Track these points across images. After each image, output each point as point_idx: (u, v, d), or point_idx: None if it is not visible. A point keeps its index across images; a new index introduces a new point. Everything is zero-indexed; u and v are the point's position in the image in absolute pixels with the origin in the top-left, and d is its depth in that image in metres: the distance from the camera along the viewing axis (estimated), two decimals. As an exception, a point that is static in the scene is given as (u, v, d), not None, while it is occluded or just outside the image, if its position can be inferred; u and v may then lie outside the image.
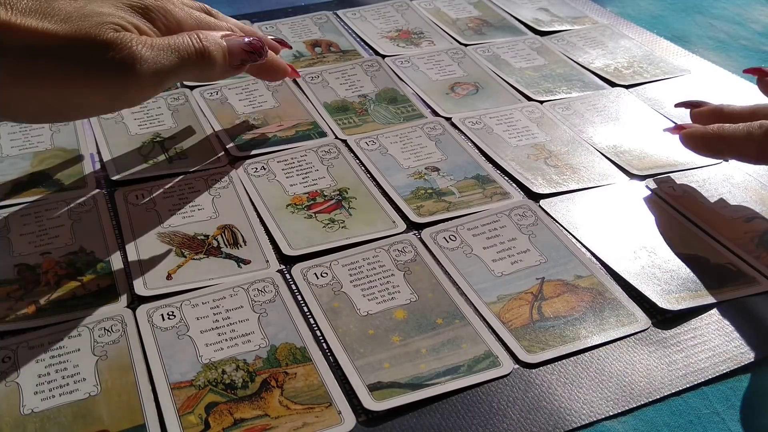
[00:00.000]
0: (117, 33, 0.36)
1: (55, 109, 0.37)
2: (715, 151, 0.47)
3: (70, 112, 0.39)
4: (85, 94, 0.36)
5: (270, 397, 0.34)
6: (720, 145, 0.45)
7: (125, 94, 0.38)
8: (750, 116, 0.46)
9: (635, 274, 0.41)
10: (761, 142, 0.43)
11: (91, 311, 0.38)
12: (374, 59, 0.61)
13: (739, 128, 0.44)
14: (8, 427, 0.32)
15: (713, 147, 0.46)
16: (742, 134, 0.44)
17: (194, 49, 0.39)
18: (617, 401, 0.35)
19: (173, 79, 0.40)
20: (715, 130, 0.46)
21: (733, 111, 0.47)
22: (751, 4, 0.75)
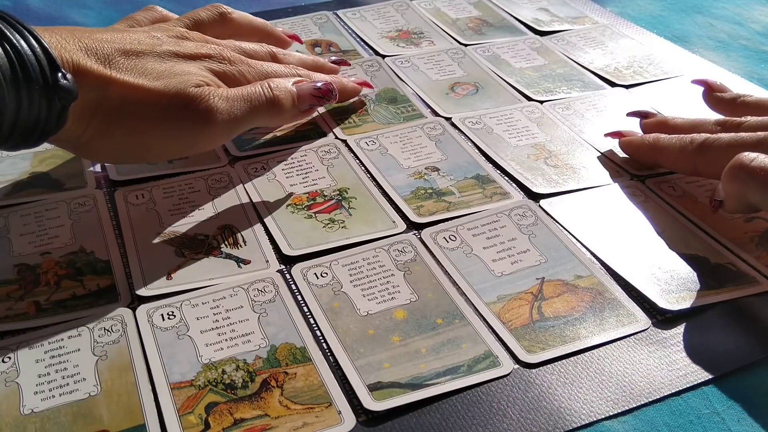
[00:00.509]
0: (198, 88, 0.40)
1: (136, 154, 0.41)
2: (651, 161, 0.48)
3: (150, 157, 0.43)
4: (165, 142, 0.41)
5: (270, 397, 0.34)
6: (655, 156, 0.48)
7: (200, 142, 0.42)
8: (690, 129, 0.47)
9: (635, 274, 0.41)
10: (693, 156, 0.44)
11: (91, 311, 0.38)
12: (374, 59, 0.61)
13: (673, 141, 0.46)
14: (8, 427, 0.32)
15: (648, 157, 0.48)
16: (675, 147, 0.45)
17: (265, 98, 0.43)
18: (617, 401, 0.35)
19: (245, 127, 0.44)
20: (650, 141, 0.48)
21: (675, 124, 0.49)
22: (751, 4, 0.75)
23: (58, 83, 0.34)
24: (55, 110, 0.35)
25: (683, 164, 0.46)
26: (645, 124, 0.51)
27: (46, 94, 0.34)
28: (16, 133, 0.35)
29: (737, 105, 0.48)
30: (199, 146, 0.43)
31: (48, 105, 0.35)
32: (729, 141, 0.43)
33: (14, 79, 0.33)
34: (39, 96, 0.34)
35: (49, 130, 0.36)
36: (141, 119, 0.39)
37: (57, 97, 0.35)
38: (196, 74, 0.41)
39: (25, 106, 0.34)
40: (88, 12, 0.68)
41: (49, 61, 0.34)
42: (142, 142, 0.40)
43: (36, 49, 0.34)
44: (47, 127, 0.36)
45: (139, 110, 0.39)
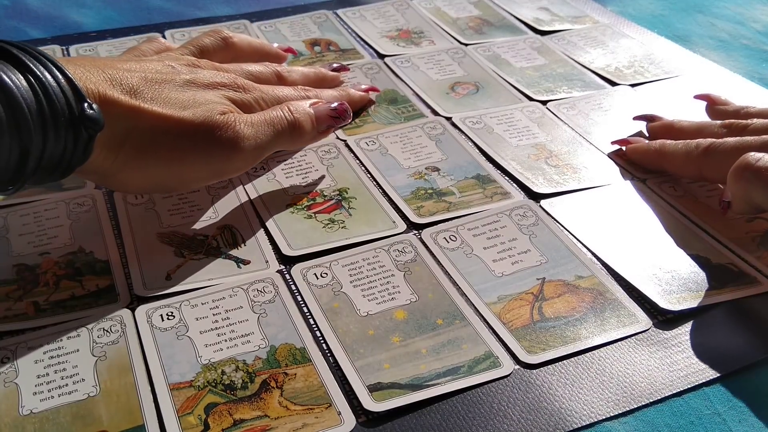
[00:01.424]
0: (223, 116, 0.41)
1: (165, 183, 0.42)
2: (657, 167, 0.49)
3: (178, 185, 0.43)
4: (195, 169, 0.41)
5: (270, 398, 0.34)
6: (661, 162, 0.48)
7: (228, 168, 0.42)
8: (696, 133, 0.47)
9: (636, 274, 0.41)
10: (698, 161, 0.44)
11: (90, 311, 0.38)
12: (374, 62, 0.61)
13: (679, 147, 0.46)
14: (7, 427, 0.32)
15: (653, 162, 0.48)
16: (680, 153, 0.46)
17: (287, 121, 0.44)
18: (618, 402, 0.34)
19: (269, 151, 0.44)
20: (656, 148, 0.48)
21: (681, 127, 0.49)
22: (752, 3, 0.75)
23: (85, 113, 0.34)
24: (81, 141, 0.35)
25: (689, 169, 0.46)
26: (651, 128, 0.51)
27: (73, 125, 0.34)
28: (41, 167, 0.34)
29: (740, 117, 0.48)
30: (225, 173, 0.43)
31: (74, 137, 0.34)
32: (734, 144, 0.43)
33: (40, 112, 0.33)
34: (65, 128, 0.34)
35: (76, 163, 0.36)
36: (170, 148, 0.39)
37: (84, 128, 0.34)
38: (219, 102, 0.42)
39: (51, 140, 0.34)
40: (87, 12, 0.68)
41: (75, 92, 0.34)
42: (172, 170, 0.40)
43: (60, 80, 0.34)
44: (73, 159, 0.35)
45: (168, 139, 0.39)
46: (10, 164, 0.33)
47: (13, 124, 0.32)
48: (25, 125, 0.32)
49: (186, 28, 0.65)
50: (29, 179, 0.34)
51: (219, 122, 0.40)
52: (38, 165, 0.34)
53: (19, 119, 0.32)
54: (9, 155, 0.32)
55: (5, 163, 0.32)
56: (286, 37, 0.64)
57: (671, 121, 0.50)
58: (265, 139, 0.42)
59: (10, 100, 0.32)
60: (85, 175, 0.41)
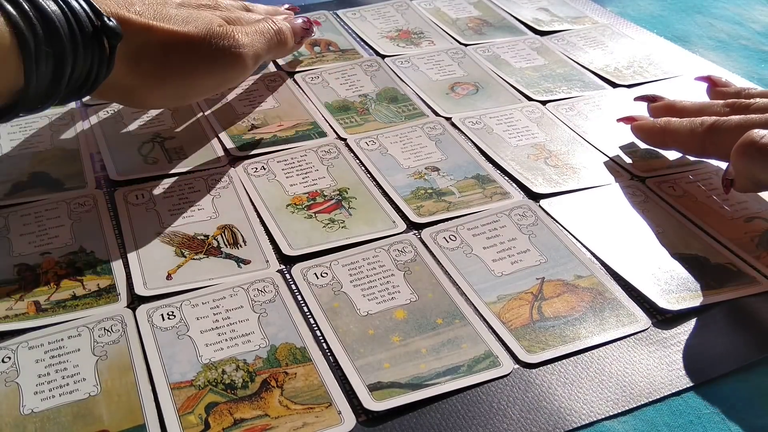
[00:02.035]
0: (221, 27, 0.45)
1: (179, 94, 0.46)
2: (661, 144, 0.49)
3: (191, 95, 0.48)
4: (204, 77, 0.45)
5: (270, 397, 0.34)
6: (665, 138, 0.48)
7: (234, 74, 0.47)
8: (698, 112, 0.48)
9: (635, 274, 0.41)
10: (702, 138, 0.45)
11: (91, 311, 0.38)
12: (374, 59, 0.61)
13: (684, 123, 0.46)
14: (8, 427, 0.32)
15: (659, 139, 0.49)
16: (685, 129, 0.46)
17: (273, 31, 0.50)
18: (617, 401, 0.35)
19: (263, 59, 0.49)
20: (661, 124, 0.48)
21: (683, 106, 0.49)
22: (751, 3, 0.75)
23: (106, 25, 0.38)
24: (105, 54, 0.39)
25: (693, 146, 0.46)
26: (653, 108, 0.51)
27: (97, 38, 0.38)
28: (72, 82, 0.39)
29: (742, 97, 0.48)
30: (231, 80, 0.48)
31: (99, 50, 0.39)
32: (738, 122, 0.43)
33: (70, 30, 0.37)
34: (90, 42, 0.38)
35: (100, 76, 0.40)
36: (181, 59, 0.43)
37: (106, 38, 0.39)
38: (213, 18, 0.46)
39: (81, 54, 0.38)
40: None
41: (94, 11, 0.39)
42: (185, 81, 0.45)
43: (81, 2, 0.38)
44: (99, 72, 0.40)
45: (179, 52, 0.43)
46: (46, 79, 0.37)
47: (49, 41, 0.37)
48: (59, 42, 0.37)
49: None
50: (62, 94, 0.39)
51: (219, 33, 0.45)
52: (70, 79, 0.38)
53: (53, 37, 0.37)
54: (46, 70, 0.37)
55: (43, 77, 0.37)
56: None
57: (673, 101, 0.50)
58: (260, 46, 0.48)
59: (47, 21, 0.37)
60: (109, 94, 0.45)
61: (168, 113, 0.54)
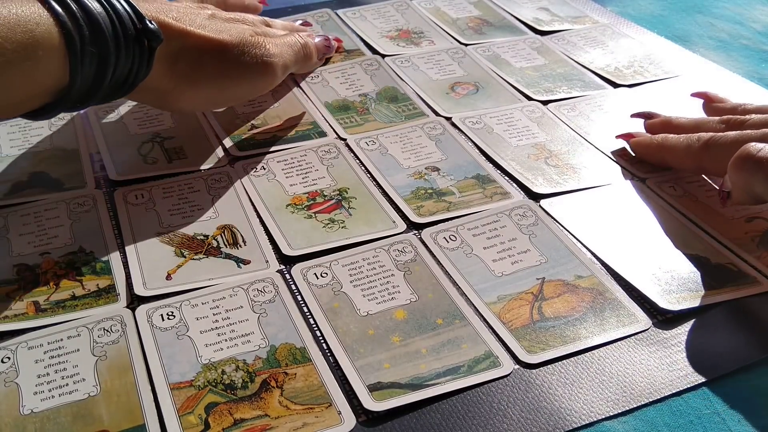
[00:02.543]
0: (254, 37, 0.47)
1: (213, 99, 0.48)
2: (659, 160, 0.49)
3: (223, 100, 0.50)
4: (235, 84, 0.46)
5: (270, 398, 0.34)
6: (663, 155, 0.48)
7: (263, 83, 0.48)
8: (694, 129, 0.48)
9: (636, 274, 0.41)
10: (698, 154, 0.45)
11: (90, 311, 0.38)
12: (374, 58, 0.61)
13: (680, 140, 0.47)
14: (8, 427, 0.32)
15: (657, 156, 0.49)
16: (681, 146, 0.46)
17: (300, 44, 0.52)
18: (618, 401, 0.35)
19: (290, 69, 0.51)
20: (658, 141, 0.49)
21: (680, 123, 0.50)
22: (752, 3, 0.75)
23: (147, 27, 0.40)
24: (145, 56, 0.41)
25: (690, 162, 0.46)
26: (649, 125, 0.52)
27: (138, 40, 0.40)
28: (112, 83, 0.40)
29: (738, 113, 0.48)
30: (259, 88, 0.49)
31: (140, 51, 0.40)
32: (734, 137, 0.43)
33: (113, 30, 0.39)
34: (132, 43, 0.40)
35: (140, 77, 0.41)
36: (216, 65, 0.45)
37: (147, 40, 0.40)
38: (245, 29, 0.48)
39: (123, 54, 0.39)
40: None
41: (136, 13, 0.40)
42: (218, 86, 0.46)
43: (124, 5, 0.40)
44: (139, 73, 0.41)
45: (213, 57, 0.45)
46: (90, 79, 0.39)
47: (94, 41, 0.38)
48: (103, 42, 0.38)
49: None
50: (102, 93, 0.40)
51: (252, 42, 0.46)
52: (111, 79, 0.39)
53: (98, 37, 0.38)
54: (90, 69, 0.38)
55: (87, 76, 0.38)
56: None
57: (669, 117, 0.51)
58: (289, 57, 0.50)
59: (92, 21, 0.38)
60: (145, 95, 0.45)
61: (168, 113, 0.54)
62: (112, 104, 0.54)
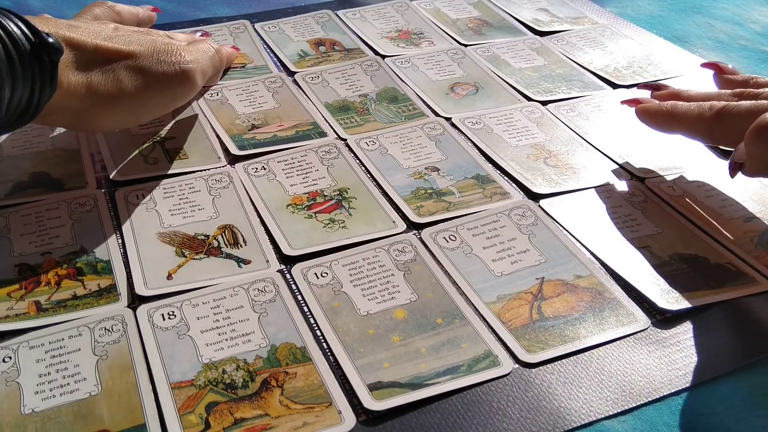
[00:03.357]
0: (166, 45, 0.46)
1: (131, 114, 0.45)
2: (666, 127, 0.48)
3: (142, 115, 0.47)
4: (155, 95, 0.45)
5: (270, 397, 0.34)
6: (672, 122, 0.47)
7: (183, 91, 0.47)
8: (705, 100, 0.47)
9: (635, 273, 0.41)
10: (710, 122, 0.44)
11: (91, 311, 0.38)
12: (374, 59, 0.61)
13: (691, 107, 0.46)
14: (9, 427, 0.32)
15: (665, 123, 0.48)
16: (693, 113, 0.45)
17: (214, 50, 0.51)
18: (617, 401, 0.35)
19: (207, 76, 0.50)
20: (668, 108, 0.47)
21: (689, 95, 0.48)
22: (751, 4, 0.75)
23: (45, 41, 0.37)
24: (47, 73, 0.38)
25: (700, 130, 0.45)
26: (658, 96, 0.50)
27: (35, 56, 0.37)
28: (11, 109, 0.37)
29: (750, 86, 0.48)
30: (179, 96, 0.48)
31: (40, 68, 0.38)
32: (749, 107, 0.42)
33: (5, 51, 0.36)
34: (30, 61, 0.37)
35: (43, 98, 0.39)
36: (132, 76, 0.43)
37: (46, 54, 0.38)
38: (155, 38, 0.47)
39: (19, 76, 0.37)
40: (89, 12, 0.68)
41: (30, 29, 0.38)
42: (136, 99, 0.44)
43: (16, 22, 0.38)
44: (42, 94, 0.38)
45: (129, 68, 0.43)
46: None
47: None
48: None
49: (186, 28, 0.65)
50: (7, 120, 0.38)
51: (165, 49, 0.45)
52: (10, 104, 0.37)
53: None
54: None
55: None
56: (289, 37, 0.65)
57: (678, 89, 0.50)
58: (205, 63, 0.49)
59: None
60: (58, 117, 0.43)
61: (168, 114, 0.54)
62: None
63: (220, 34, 0.64)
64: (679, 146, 0.51)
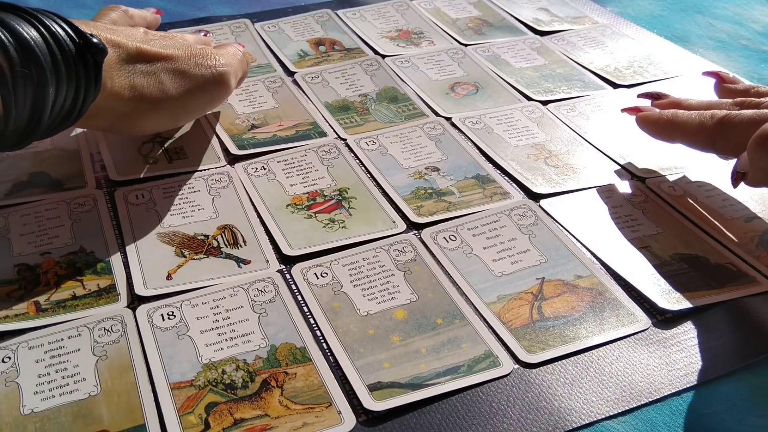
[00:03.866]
0: (201, 48, 0.47)
1: (173, 116, 0.46)
2: (668, 136, 0.47)
3: (182, 117, 0.48)
4: (196, 96, 0.46)
5: (270, 397, 0.34)
6: (673, 131, 0.47)
7: (220, 93, 0.48)
8: (706, 109, 0.46)
9: (635, 273, 0.41)
10: (712, 131, 0.44)
11: (91, 311, 0.38)
12: (374, 58, 0.61)
13: (692, 116, 0.45)
14: (8, 427, 0.32)
15: (666, 132, 0.47)
16: (694, 122, 0.45)
17: (242, 52, 0.51)
18: (617, 401, 0.35)
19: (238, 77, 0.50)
20: (669, 116, 0.47)
21: (690, 105, 0.48)
22: (751, 3, 0.75)
23: (89, 41, 0.37)
24: (91, 73, 0.38)
25: (701, 140, 0.45)
26: (658, 105, 0.50)
27: (80, 56, 0.37)
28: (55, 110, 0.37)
29: (751, 95, 0.47)
30: (216, 98, 0.48)
31: (84, 68, 0.37)
32: (750, 116, 0.42)
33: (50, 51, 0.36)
34: (74, 61, 0.37)
35: (88, 99, 0.39)
36: (174, 79, 0.44)
37: (90, 54, 0.38)
38: (188, 43, 0.47)
39: (63, 78, 0.36)
40: (88, 12, 0.68)
41: (74, 30, 0.38)
42: (181, 101, 0.45)
43: (63, 24, 0.38)
44: (87, 94, 0.38)
45: (170, 72, 0.44)
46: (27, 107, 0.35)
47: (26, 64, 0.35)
48: (37, 64, 0.35)
49: (186, 28, 0.65)
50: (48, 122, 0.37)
51: (201, 52, 0.46)
52: (54, 105, 0.36)
53: (31, 60, 0.35)
54: (25, 96, 0.35)
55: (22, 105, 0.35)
56: (289, 37, 0.64)
57: (678, 98, 0.49)
58: (237, 66, 0.49)
59: (22, 44, 0.35)
60: (100, 121, 0.43)
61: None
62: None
63: (221, 33, 0.64)
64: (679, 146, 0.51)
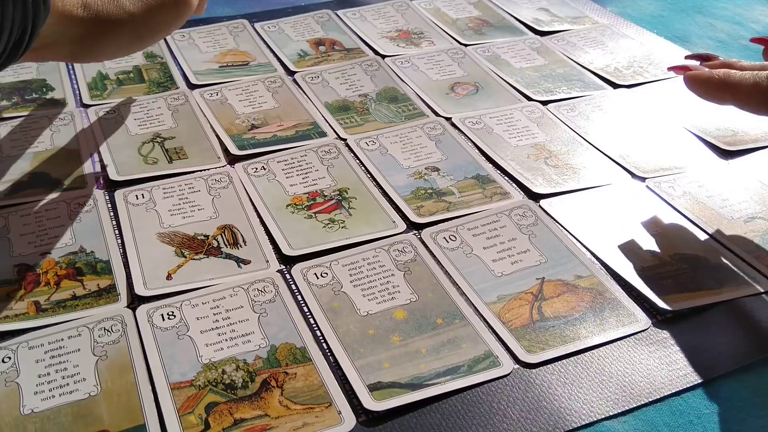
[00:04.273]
0: None
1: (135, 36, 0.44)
2: (719, 97, 0.44)
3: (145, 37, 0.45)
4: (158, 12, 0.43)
5: (270, 397, 0.34)
6: (724, 92, 0.44)
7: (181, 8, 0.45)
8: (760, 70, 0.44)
9: (635, 274, 0.41)
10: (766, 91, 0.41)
11: (91, 311, 0.38)
12: (374, 58, 0.61)
13: (746, 76, 0.43)
14: (8, 427, 0.32)
15: (717, 92, 0.44)
16: (748, 82, 0.42)
17: None
18: (617, 401, 0.35)
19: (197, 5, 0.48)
20: (721, 76, 0.44)
21: (743, 65, 0.45)
22: (751, 4, 0.75)
23: None
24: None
25: (755, 100, 0.42)
26: (709, 66, 0.47)
27: None
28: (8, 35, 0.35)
29: None
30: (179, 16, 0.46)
31: None
32: None
33: None
34: None
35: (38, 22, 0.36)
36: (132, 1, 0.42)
37: None
38: None
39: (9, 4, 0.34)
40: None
41: None
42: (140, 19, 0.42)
43: None
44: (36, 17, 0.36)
45: None
46: None
47: None
48: None
49: (186, 28, 0.65)
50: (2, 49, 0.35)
51: None
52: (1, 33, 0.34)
53: None
54: None
55: None
56: (289, 37, 0.64)
57: (731, 60, 0.47)
58: None
59: None
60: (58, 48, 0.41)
61: (168, 113, 0.54)
62: (113, 104, 0.54)
63: (219, 34, 0.64)
64: (679, 146, 0.51)
